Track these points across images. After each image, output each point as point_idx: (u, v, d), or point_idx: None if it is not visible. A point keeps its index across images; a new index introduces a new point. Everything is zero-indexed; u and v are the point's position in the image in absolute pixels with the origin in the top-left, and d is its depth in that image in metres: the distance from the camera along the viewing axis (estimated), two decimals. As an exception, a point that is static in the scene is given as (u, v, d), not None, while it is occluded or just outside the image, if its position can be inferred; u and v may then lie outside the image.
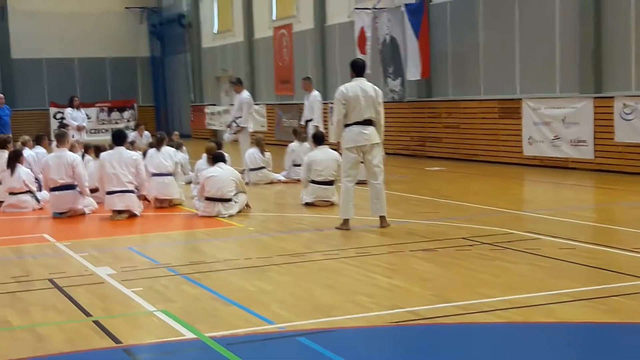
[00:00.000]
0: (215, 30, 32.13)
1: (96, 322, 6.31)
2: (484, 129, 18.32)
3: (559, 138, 16.24)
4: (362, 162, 10.27)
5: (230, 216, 11.53)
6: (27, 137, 15.81)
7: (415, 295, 6.83)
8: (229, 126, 18.34)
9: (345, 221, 10.18)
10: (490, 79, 18.50)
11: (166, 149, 13.26)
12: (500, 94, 18.14)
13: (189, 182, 14.39)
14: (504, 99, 17.88)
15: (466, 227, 10.02)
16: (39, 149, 15.15)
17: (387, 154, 13.10)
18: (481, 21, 18.56)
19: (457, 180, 15.73)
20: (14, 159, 13.06)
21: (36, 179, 13.47)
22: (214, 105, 31.31)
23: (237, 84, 18.04)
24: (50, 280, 7.83)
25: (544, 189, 14.45)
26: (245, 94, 17.93)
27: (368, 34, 20.80)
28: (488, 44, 18.43)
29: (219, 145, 13.52)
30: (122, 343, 5.77)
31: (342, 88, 10.12)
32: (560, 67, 16.65)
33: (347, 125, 10.09)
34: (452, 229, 9.98)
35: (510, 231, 9.62)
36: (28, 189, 13.03)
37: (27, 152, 14.37)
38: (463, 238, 9.29)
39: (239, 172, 12.79)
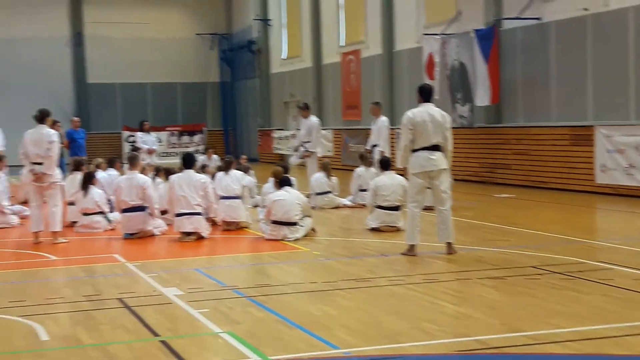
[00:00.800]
0: (284, 56, 32.43)
1: (163, 342, 6.38)
2: (554, 156, 18.05)
3: (633, 166, 15.90)
4: (429, 188, 10.21)
5: (296, 240, 11.56)
6: (100, 160, 16.14)
7: (482, 323, 6.73)
8: (296, 150, 18.43)
9: (412, 247, 10.12)
10: (562, 105, 18.25)
11: (234, 173, 13.39)
12: (571, 121, 17.87)
13: (256, 206, 14.49)
14: (576, 125, 17.60)
15: (536, 255, 9.86)
16: (112, 171, 15.44)
17: (454, 180, 12.95)
18: (553, 46, 18.35)
19: (526, 207, 15.52)
20: (88, 181, 13.34)
21: (108, 200, 13.72)
22: (282, 129, 31.54)
23: (305, 109, 18.14)
24: (120, 300, 7.95)
25: (617, 218, 14.14)
26: (314, 118, 18.02)
27: (436, 59, 20.76)
28: (559, 70, 18.21)
29: (286, 170, 13.60)
30: (188, 363, 5.82)
31: (409, 113, 10.09)
32: (635, 93, 16.33)
33: (414, 151, 10.04)
34: (522, 257, 9.83)
35: (582, 261, 9.42)
36: (100, 210, 13.28)
37: (100, 174, 14.66)
38: (532, 267, 9.14)
39: (306, 197, 12.84)
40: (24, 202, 15.31)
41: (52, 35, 34.31)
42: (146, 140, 21.93)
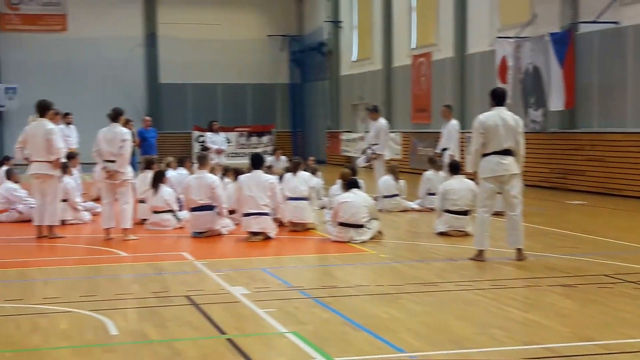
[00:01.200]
0: (354, 58, 32.42)
1: (229, 340, 6.42)
2: (630, 162, 17.65)
3: None
4: (499, 193, 10.07)
5: (363, 242, 11.52)
6: (170, 159, 16.34)
7: (552, 331, 6.61)
8: (363, 152, 18.39)
9: (480, 252, 10.00)
10: (638, 111, 17.82)
11: (302, 174, 13.42)
12: (648, 127, 17.47)
13: (323, 207, 14.51)
14: (652, 132, 17.21)
15: (609, 263, 9.65)
16: (182, 170, 15.62)
17: (526, 185, 12.78)
18: (630, 51, 17.95)
19: (599, 215, 15.21)
20: (158, 179, 13.51)
21: (178, 199, 13.89)
22: (350, 132, 31.53)
23: (373, 112, 18.09)
24: (187, 297, 8.03)
25: (693, 228, 13.76)
26: (382, 121, 17.96)
27: (510, 63, 20.50)
28: (636, 75, 17.79)
29: (354, 172, 13.58)
30: (254, 362, 5.85)
31: (481, 117, 9.98)
32: None
33: (485, 155, 9.92)
34: (594, 265, 9.63)
35: (656, 270, 9.20)
36: (170, 209, 13.44)
37: (170, 173, 14.84)
38: (605, 275, 8.94)
39: (373, 199, 12.79)
40: (96, 199, 15.61)
41: (126, 35, 34.93)
42: (215, 140, 22.16)
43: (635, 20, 17.79)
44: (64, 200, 13.58)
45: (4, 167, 15.75)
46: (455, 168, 13.01)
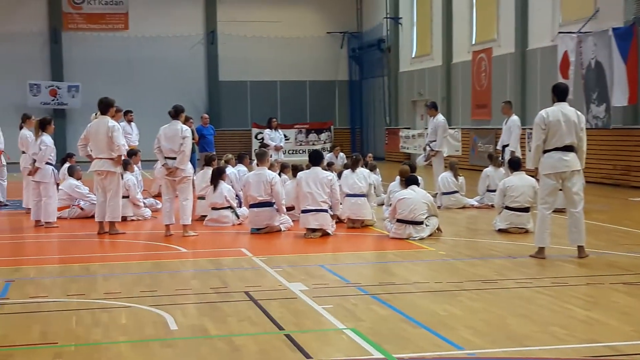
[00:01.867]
0: (413, 54, 32.27)
1: (288, 336, 6.45)
2: (694, 159, 17.27)
3: None
4: (560, 190, 9.94)
5: (421, 239, 11.48)
6: (230, 156, 16.44)
7: (614, 329, 6.51)
8: (424, 149, 18.26)
9: (541, 249, 9.88)
10: (703, 107, 17.42)
11: (361, 171, 13.40)
12: None
13: (381, 204, 14.47)
14: None
15: (672, 261, 9.47)
16: (241, 167, 15.71)
17: (587, 182, 12.57)
18: (695, 45, 17.55)
19: (663, 212, 14.91)
20: (218, 176, 13.62)
21: (237, 195, 13.99)
22: (409, 128, 31.39)
23: (432, 108, 17.96)
24: (246, 293, 8.09)
25: None
26: (440, 117, 17.81)
27: (572, 58, 20.20)
28: (702, 70, 17.40)
29: (413, 168, 13.51)
30: (312, 358, 5.86)
31: (542, 112, 9.86)
32: None
33: (546, 151, 9.81)
34: (657, 262, 9.45)
35: None
36: (229, 205, 13.54)
37: (229, 170, 14.94)
38: (668, 273, 8.77)
39: (432, 196, 12.71)
40: (157, 196, 15.83)
41: (186, 33, 35.33)
42: (273, 137, 22.26)
43: (702, 13, 17.37)
44: (125, 197, 13.77)
45: (67, 164, 16.04)
46: (515, 164, 12.86)
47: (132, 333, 6.67)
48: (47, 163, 13.62)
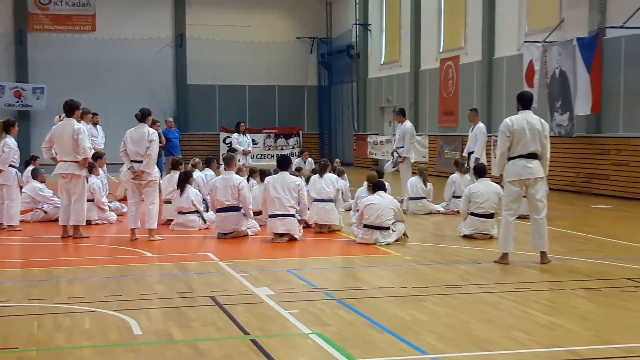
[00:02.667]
0: (382, 61, 32.42)
1: (253, 341, 6.46)
2: (656, 167, 17.53)
3: None
4: (524, 196, 10.06)
5: (388, 244, 11.55)
6: (197, 160, 16.40)
7: (575, 334, 6.60)
8: (392, 154, 18.31)
9: (504, 255, 9.99)
10: (665, 116, 17.71)
11: (328, 176, 13.44)
12: (675, 132, 17.33)
13: (349, 209, 14.53)
14: (680, 137, 17.06)
15: (632, 267, 9.61)
16: (208, 171, 15.67)
17: (551, 189, 12.74)
18: (657, 56, 17.83)
19: (624, 219, 15.10)
20: (184, 180, 13.58)
21: (204, 199, 13.96)
22: (377, 134, 31.53)
23: (399, 114, 18.08)
24: (212, 298, 8.08)
25: None
26: (408, 124, 17.93)
27: (537, 67, 20.42)
28: (664, 80, 17.68)
29: (380, 174, 13.58)
30: (276, 362, 5.88)
31: (507, 120, 9.98)
32: None
33: (511, 158, 9.93)
34: (617, 269, 9.58)
35: (681, 275, 9.13)
36: (196, 209, 13.51)
37: (196, 174, 14.91)
38: (628, 279, 8.90)
39: (399, 201, 12.78)
40: (123, 199, 15.75)
41: (154, 36, 35.19)
42: (241, 141, 22.24)
43: (664, 24, 17.66)
44: (90, 200, 13.70)
45: (31, 167, 15.90)
46: (481, 171, 12.99)
47: (95, 338, 6.64)
48: (11, 165, 13.48)
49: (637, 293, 8.20)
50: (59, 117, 12.88)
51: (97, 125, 18.31)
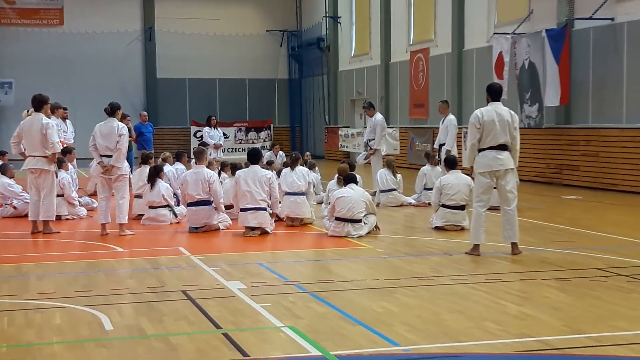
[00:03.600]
0: (352, 53, 32.43)
1: (225, 335, 6.44)
2: (625, 157, 17.70)
3: None
4: (495, 188, 10.11)
5: (360, 237, 11.56)
6: (167, 154, 16.30)
7: (545, 324, 6.65)
8: (366, 147, 18.25)
9: (476, 246, 10.03)
10: (633, 107, 17.87)
11: (300, 169, 13.43)
12: (643, 122, 17.50)
13: (320, 202, 14.53)
14: (648, 127, 17.24)
15: (602, 257, 9.70)
16: (179, 165, 15.61)
17: (521, 180, 12.81)
18: (625, 47, 17.98)
19: (594, 209, 15.24)
20: (155, 174, 13.51)
21: (175, 194, 13.89)
22: (348, 127, 31.55)
23: (370, 108, 18.12)
24: (184, 292, 8.05)
25: (688, 222, 13.80)
26: (379, 116, 17.98)
27: (506, 59, 20.55)
28: (631, 71, 17.84)
29: (352, 167, 13.60)
30: (249, 356, 5.87)
31: (477, 112, 10.01)
32: None
33: (481, 150, 9.97)
34: (588, 259, 9.67)
35: (650, 264, 9.23)
36: (167, 204, 13.44)
37: (167, 168, 14.83)
38: (598, 269, 8.98)
39: (371, 194, 12.79)
40: (93, 194, 15.63)
41: (123, 29, 34.96)
42: (213, 135, 22.16)
43: (630, 16, 17.83)
44: (60, 195, 13.59)
45: (-1, 162, 15.74)
46: (452, 163, 13.04)
47: (66, 334, 6.58)
48: (-21, 161, 13.33)
49: (607, 283, 8.27)
50: (27, 111, 12.74)
51: (67, 120, 18.15)
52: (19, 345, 6.28)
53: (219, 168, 14.59)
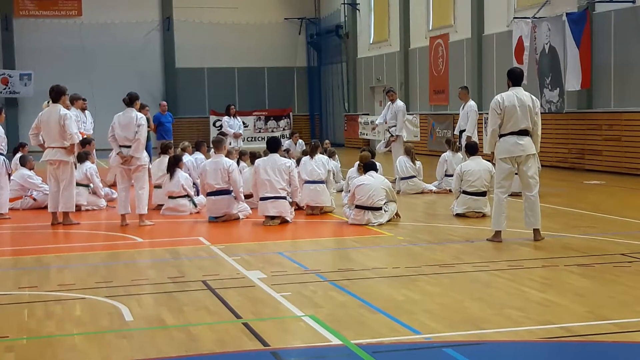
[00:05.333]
0: (371, 40, 32.27)
1: (246, 324, 6.41)
2: (647, 141, 17.51)
3: None
4: (516, 174, 10.01)
5: (380, 225, 11.50)
6: (186, 143, 16.25)
7: (569, 311, 6.57)
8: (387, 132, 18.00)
9: (497, 233, 9.94)
10: (656, 90, 17.66)
11: (319, 157, 13.38)
12: (666, 106, 17.29)
13: (340, 190, 14.47)
14: (670, 110, 17.04)
15: (626, 243, 9.58)
16: (198, 155, 15.58)
17: (543, 166, 12.71)
18: (647, 29, 17.77)
19: (617, 194, 15.09)
20: (174, 164, 13.49)
21: (194, 183, 13.87)
22: (368, 114, 31.44)
23: (391, 92, 18.02)
24: (204, 282, 8.03)
25: None
26: (400, 103, 17.88)
27: (526, 43, 20.35)
28: (654, 54, 17.63)
29: (373, 154, 13.53)
30: (270, 346, 5.84)
31: (498, 97, 9.91)
32: None
33: (502, 136, 9.86)
34: (611, 244, 9.56)
35: (675, 249, 9.11)
36: (186, 193, 13.43)
37: (186, 158, 14.80)
38: (622, 254, 8.88)
39: (391, 182, 12.71)
40: (112, 185, 15.65)
41: (142, 19, 34.94)
42: (232, 124, 22.13)
43: (654, -3, 17.60)
44: (86, 186, 13.71)
45: (19, 154, 15.78)
46: (472, 149, 12.93)
47: (86, 325, 6.58)
48: (-1, 153, 13.36)
49: (631, 268, 8.17)
50: (47, 102, 12.76)
51: (86, 111, 18.17)
52: (39, 337, 6.27)
53: (238, 157, 14.54)
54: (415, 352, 5.71)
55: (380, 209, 11.64)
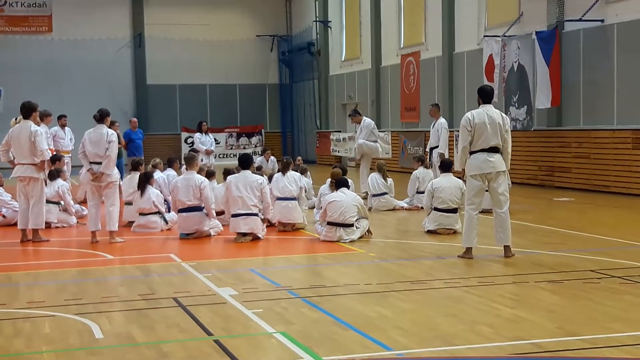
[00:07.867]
0: (343, 58, 32.41)
1: (217, 342, 6.38)
2: (616, 159, 17.70)
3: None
4: (487, 190, 10.08)
5: (352, 241, 11.51)
6: (158, 160, 16.18)
7: (539, 327, 6.61)
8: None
9: (468, 249, 10.00)
10: (624, 108, 17.88)
11: (291, 174, 13.38)
12: (634, 124, 17.49)
13: (312, 207, 14.48)
14: (638, 129, 17.23)
15: (595, 259, 9.67)
16: (170, 171, 15.51)
17: (513, 183, 12.80)
18: (615, 48, 18.00)
19: (586, 211, 15.23)
20: (145, 181, 13.43)
21: (165, 200, 13.82)
22: (340, 131, 31.52)
23: (355, 115, 18.13)
24: (175, 299, 7.99)
25: (680, 223, 13.79)
26: (367, 120, 17.96)
27: (497, 61, 20.55)
28: (622, 72, 17.85)
29: (344, 171, 13.56)
30: (240, 363, 5.81)
31: (468, 115, 9.99)
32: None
33: (472, 153, 9.94)
34: (580, 261, 9.64)
35: (643, 265, 9.21)
36: (157, 210, 13.37)
37: (157, 174, 14.74)
38: (591, 271, 8.95)
39: (362, 198, 12.75)
40: (82, 202, 15.54)
41: (113, 36, 34.84)
42: (204, 141, 22.09)
43: (620, 18, 17.86)
44: (56, 203, 13.59)
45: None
46: (446, 166, 12.98)
47: (56, 342, 6.51)
48: (-32, 170, 13.24)
49: (600, 284, 8.24)
50: (16, 119, 12.66)
51: (66, 127, 18.11)
52: (7, 355, 6.20)
53: (206, 176, 14.46)
54: (386, 369, 5.72)
55: (352, 225, 11.66)
